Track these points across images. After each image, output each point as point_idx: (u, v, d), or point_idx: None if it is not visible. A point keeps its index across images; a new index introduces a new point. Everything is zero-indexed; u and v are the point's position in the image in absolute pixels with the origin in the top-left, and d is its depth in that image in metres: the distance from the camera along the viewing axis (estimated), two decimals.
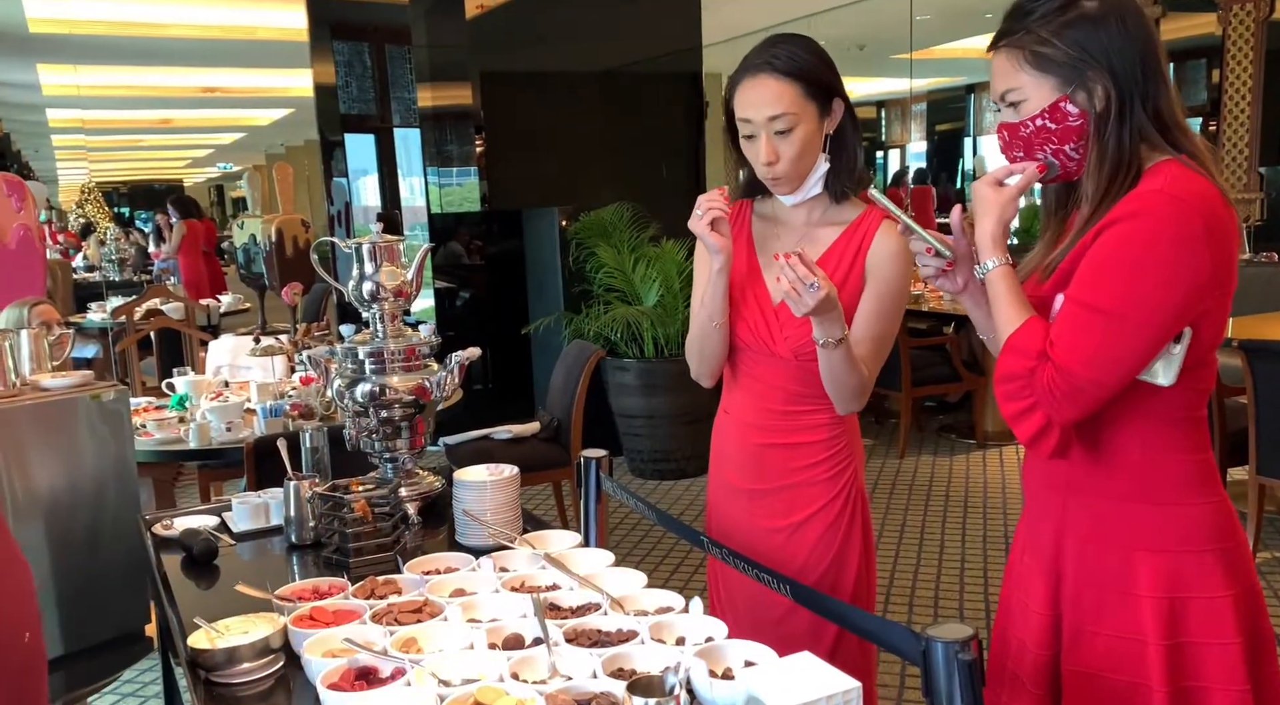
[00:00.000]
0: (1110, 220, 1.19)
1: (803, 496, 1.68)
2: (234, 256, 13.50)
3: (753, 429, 1.71)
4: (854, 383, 1.60)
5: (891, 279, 1.63)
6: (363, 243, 1.87)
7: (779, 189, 1.65)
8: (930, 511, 4.34)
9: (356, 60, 5.46)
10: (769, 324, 1.65)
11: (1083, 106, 1.23)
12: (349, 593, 1.43)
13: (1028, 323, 1.24)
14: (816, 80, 1.58)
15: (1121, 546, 1.28)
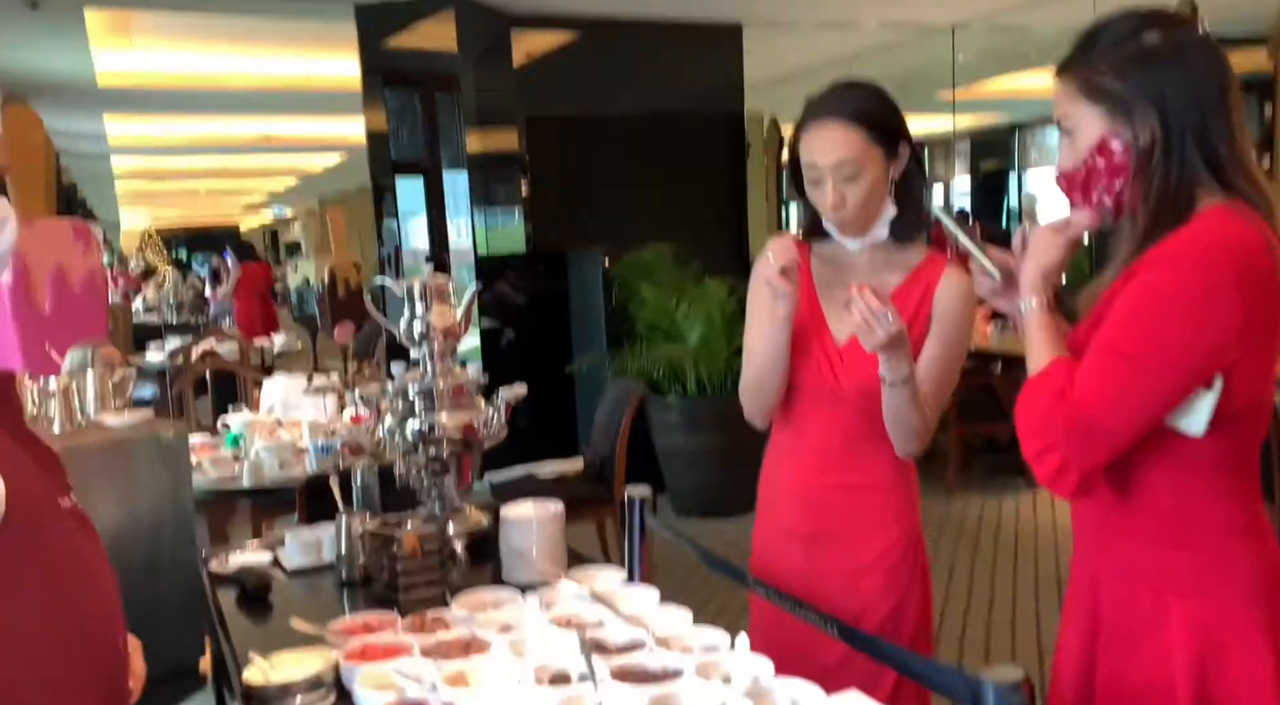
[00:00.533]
0: (1142, 264, 1.19)
1: (863, 541, 1.67)
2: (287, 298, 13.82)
3: (811, 470, 1.70)
4: (917, 423, 1.60)
5: (956, 321, 1.65)
6: (414, 284, 1.92)
7: (844, 231, 1.66)
8: (980, 553, 4.26)
9: (407, 107, 5.61)
10: (834, 364, 1.65)
11: (1128, 142, 1.22)
12: (399, 628, 1.45)
13: (1052, 363, 1.23)
14: (883, 126, 1.60)
15: (1152, 590, 1.25)
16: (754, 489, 1.87)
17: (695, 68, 6.05)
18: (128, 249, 18.90)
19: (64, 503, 1.06)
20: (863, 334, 1.49)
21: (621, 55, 5.77)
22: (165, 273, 10.55)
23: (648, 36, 5.79)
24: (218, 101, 8.20)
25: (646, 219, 5.68)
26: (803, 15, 6.15)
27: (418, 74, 5.55)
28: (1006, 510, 4.84)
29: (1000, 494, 5.09)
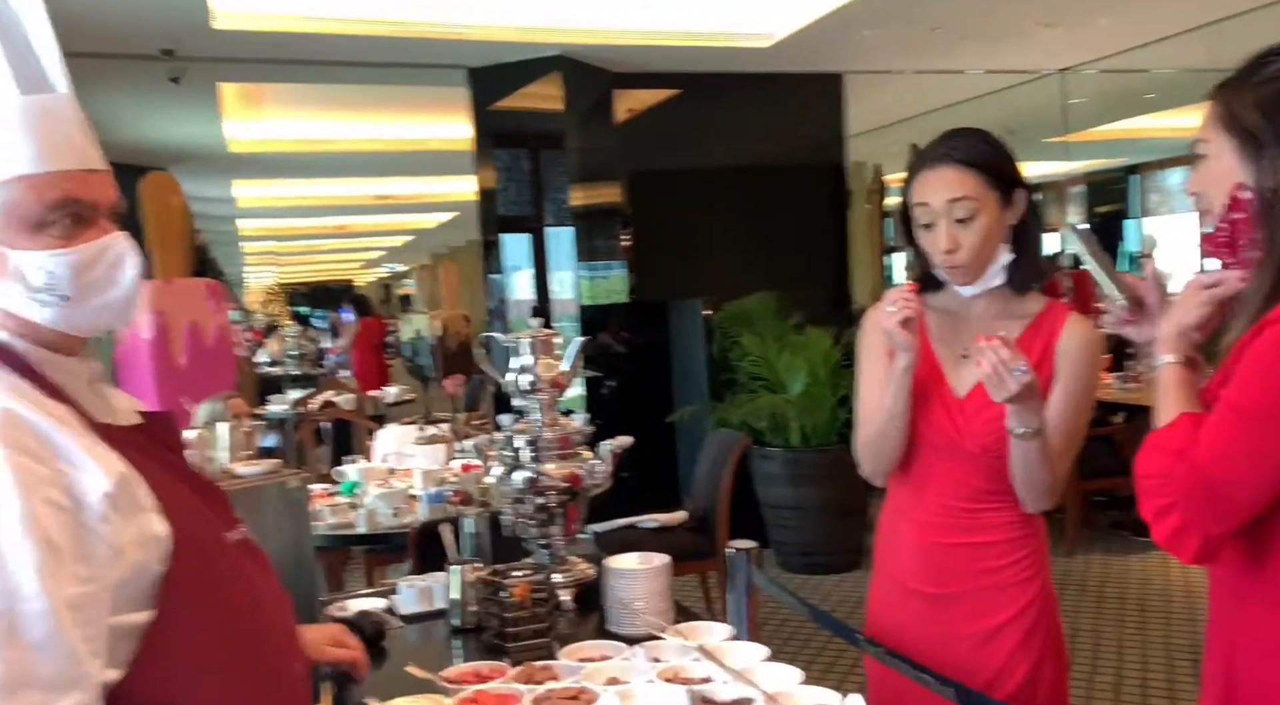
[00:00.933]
0: (1269, 319, 1.13)
1: (992, 603, 1.60)
2: (399, 350, 14.32)
3: (932, 528, 1.63)
4: (1046, 478, 1.54)
5: (1082, 371, 1.59)
6: (522, 337, 1.98)
7: (956, 278, 1.61)
8: (1105, 615, 4.04)
9: (515, 165, 5.82)
10: (954, 419, 1.60)
11: (1257, 188, 1.17)
12: (509, 677, 1.47)
13: (1177, 419, 1.18)
14: (996, 169, 1.57)
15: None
16: (860, 544, 1.83)
17: (796, 118, 6.09)
18: (252, 305, 19.97)
19: (231, 536, 1.10)
20: (993, 386, 1.45)
21: (722, 108, 5.86)
22: (287, 327, 11.08)
23: (748, 89, 5.87)
24: (338, 165, 8.67)
25: (747, 269, 5.70)
26: (905, 63, 6.13)
27: (526, 133, 5.75)
28: (1133, 569, 4.58)
29: (1125, 552, 4.82)
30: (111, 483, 0.94)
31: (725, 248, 5.80)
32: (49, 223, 0.98)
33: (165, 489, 1.01)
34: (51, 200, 0.97)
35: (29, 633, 0.88)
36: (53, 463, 0.93)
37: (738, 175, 5.94)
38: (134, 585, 0.96)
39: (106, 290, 1.02)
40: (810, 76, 5.99)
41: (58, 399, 0.99)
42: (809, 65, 5.82)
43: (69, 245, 0.98)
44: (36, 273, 0.98)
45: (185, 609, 0.99)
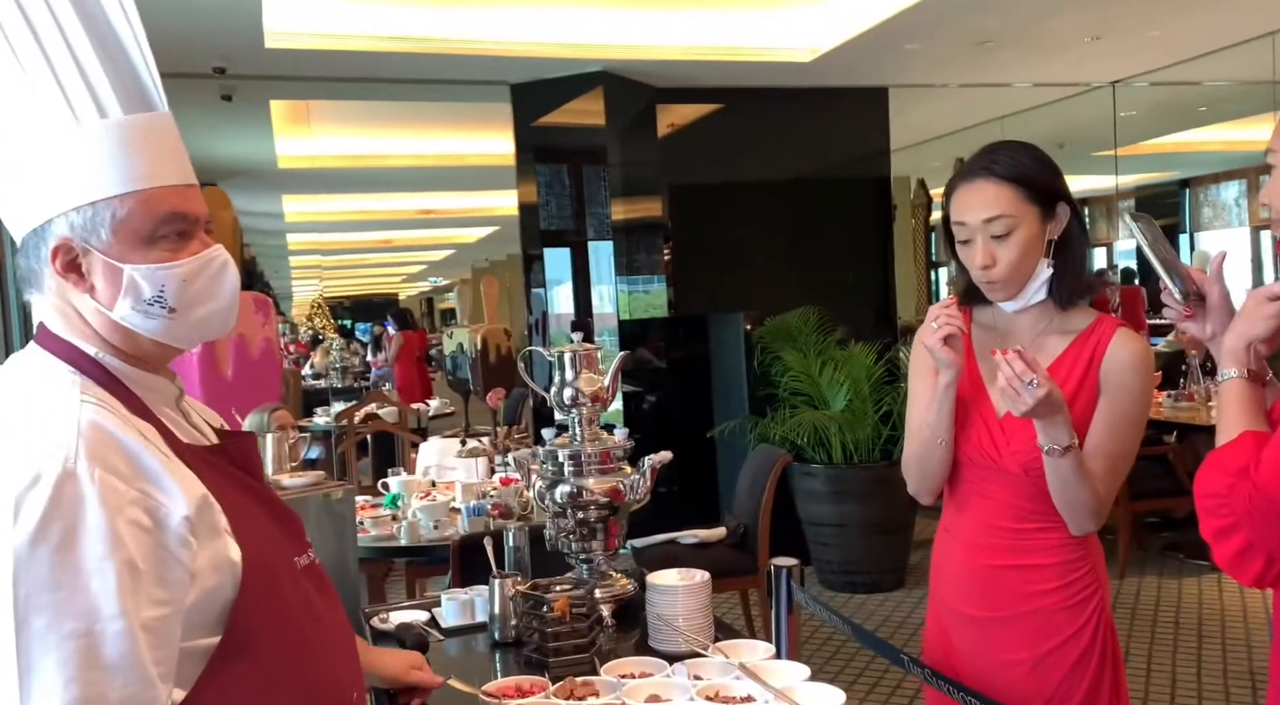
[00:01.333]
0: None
1: (1044, 626, 1.55)
2: (441, 363, 14.46)
3: (979, 549, 1.60)
4: (1085, 498, 1.50)
5: (1129, 388, 1.54)
6: (564, 351, 1.98)
7: (995, 294, 1.59)
8: (1158, 640, 3.93)
9: (556, 180, 5.85)
10: (994, 437, 1.57)
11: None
12: (550, 692, 1.47)
13: (1240, 437, 1.15)
14: (1036, 183, 1.54)
15: None
16: (904, 563, 1.80)
17: (840, 132, 6.06)
18: (298, 318, 20.30)
19: (300, 561, 1.11)
20: (1009, 400, 1.42)
21: (764, 122, 5.85)
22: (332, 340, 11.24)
23: (790, 103, 5.85)
24: (383, 180, 8.79)
25: (789, 283, 5.67)
26: (951, 77, 6.08)
27: (567, 148, 5.79)
28: (1187, 593, 4.45)
29: (1178, 575, 4.70)
30: (192, 506, 0.96)
31: (767, 262, 5.78)
32: (159, 237, 1.02)
33: (240, 512, 1.02)
34: (161, 215, 1.01)
35: (106, 654, 0.89)
36: (137, 482, 0.94)
37: (780, 189, 5.92)
38: (206, 609, 0.98)
39: (210, 301, 1.06)
40: (854, 90, 5.96)
41: (144, 417, 1.01)
42: (852, 79, 5.79)
43: (176, 258, 1.03)
44: (149, 284, 1.01)
45: (250, 634, 1.00)
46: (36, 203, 1.00)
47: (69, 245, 1.00)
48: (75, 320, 1.03)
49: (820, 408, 4.83)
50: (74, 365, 1.02)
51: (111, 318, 1.02)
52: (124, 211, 0.99)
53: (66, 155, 0.99)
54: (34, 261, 1.02)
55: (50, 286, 1.03)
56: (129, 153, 1.00)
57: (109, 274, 1.00)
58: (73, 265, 1.01)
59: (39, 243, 1.01)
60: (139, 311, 1.01)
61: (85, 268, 1.01)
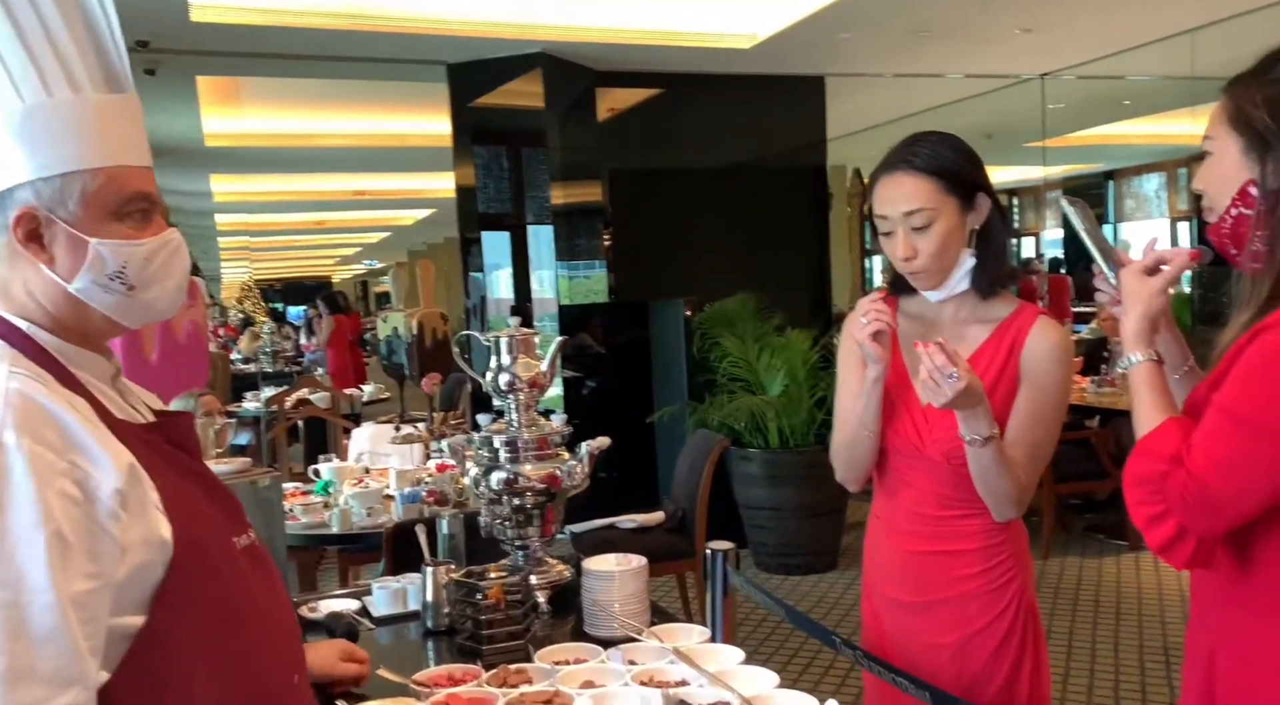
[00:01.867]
0: (1266, 324, 1.12)
1: (966, 611, 1.59)
2: (376, 348, 14.23)
3: (905, 536, 1.64)
4: (1006, 487, 1.53)
5: (1049, 376, 1.56)
6: (501, 336, 1.95)
7: (920, 283, 1.61)
8: (1079, 618, 4.06)
9: (494, 162, 5.78)
10: (918, 427, 1.60)
11: (1262, 185, 1.16)
12: (482, 680, 1.45)
13: (1164, 424, 1.17)
14: (955, 175, 1.56)
15: (1275, 672, 1.16)
16: (837, 545, 1.84)
17: (777, 120, 6.09)
18: (228, 300, 19.78)
19: (240, 541, 1.09)
20: (929, 392, 1.44)
21: (704, 108, 5.85)
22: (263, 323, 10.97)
23: (730, 90, 5.86)
24: (315, 160, 8.58)
25: (728, 270, 5.70)
26: (886, 67, 6.15)
27: (506, 130, 5.72)
28: (1107, 573, 4.61)
29: (1099, 555, 4.86)
30: (122, 479, 0.95)
31: (706, 248, 5.80)
32: (125, 214, 1.03)
33: (174, 490, 1.01)
34: (130, 192, 1.03)
35: (34, 626, 0.88)
36: (68, 454, 0.93)
37: (720, 176, 5.94)
38: (135, 587, 0.96)
39: (165, 280, 1.07)
40: (792, 78, 6.00)
41: (75, 391, 0.99)
42: (790, 67, 5.82)
43: (140, 236, 1.04)
44: (113, 259, 1.01)
45: (181, 614, 0.98)
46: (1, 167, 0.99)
47: (33, 214, 0.99)
48: (15, 292, 1.02)
49: (758, 393, 4.87)
50: (3, 338, 1.00)
51: (68, 290, 1.01)
52: (94, 185, 1.00)
53: (36, 124, 0.98)
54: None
55: (1, 257, 1.01)
56: (103, 129, 1.01)
57: (73, 246, 1.00)
58: (34, 234, 1.00)
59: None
60: (99, 285, 1.01)
61: (47, 238, 1.00)
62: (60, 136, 0.99)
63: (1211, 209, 1.23)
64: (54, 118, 0.99)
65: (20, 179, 0.98)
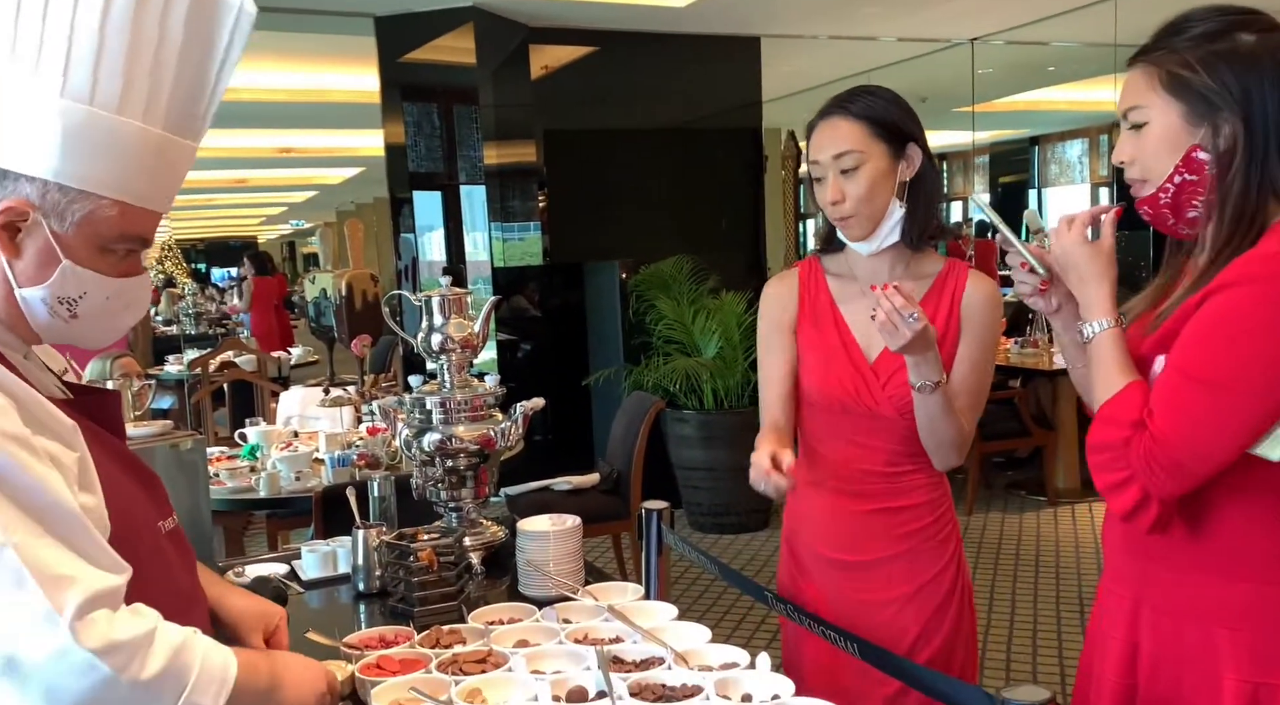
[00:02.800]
0: (1220, 284, 1.11)
1: (913, 566, 1.61)
2: (304, 310, 13.90)
3: (851, 497, 1.63)
4: (953, 434, 1.55)
5: (988, 327, 1.61)
6: (432, 296, 1.92)
7: (849, 232, 1.61)
8: (1000, 571, 4.21)
9: (425, 120, 5.64)
10: (869, 384, 1.60)
11: (1210, 149, 1.16)
12: (415, 642, 1.44)
13: (1125, 389, 1.16)
14: (886, 122, 1.57)
15: (1202, 622, 1.19)
16: (769, 504, 1.86)
17: (713, 81, 6.06)
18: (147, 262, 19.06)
19: (165, 525, 1.06)
20: (887, 334, 1.44)
21: (639, 68, 5.79)
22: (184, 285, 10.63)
23: (666, 49, 5.81)
24: (238, 115, 8.27)
25: (664, 232, 5.68)
26: (820, 28, 6.15)
27: (436, 87, 5.58)
28: (1027, 527, 4.78)
29: (1020, 511, 5.04)
30: (77, 445, 0.93)
31: (642, 210, 5.77)
32: (111, 250, 0.97)
33: (102, 469, 0.97)
34: (131, 233, 0.98)
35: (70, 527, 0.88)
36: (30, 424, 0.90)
37: (655, 137, 5.90)
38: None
39: (109, 323, 1.02)
40: (727, 39, 5.97)
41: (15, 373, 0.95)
42: (725, 27, 5.79)
43: (111, 273, 0.98)
44: (75, 287, 0.96)
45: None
46: (21, 148, 0.91)
47: (25, 210, 0.92)
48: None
49: (693, 355, 4.90)
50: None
51: (14, 292, 0.95)
52: (104, 215, 0.94)
53: (91, 133, 0.91)
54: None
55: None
56: (151, 169, 0.96)
57: (44, 257, 0.94)
58: (11, 228, 0.93)
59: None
60: (45, 303, 0.96)
61: (22, 237, 0.93)
62: (105, 157, 0.92)
63: (1145, 180, 1.22)
64: (111, 136, 0.92)
65: (34, 172, 0.91)
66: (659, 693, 1.23)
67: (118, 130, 0.92)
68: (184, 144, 0.99)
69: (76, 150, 0.91)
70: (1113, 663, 1.29)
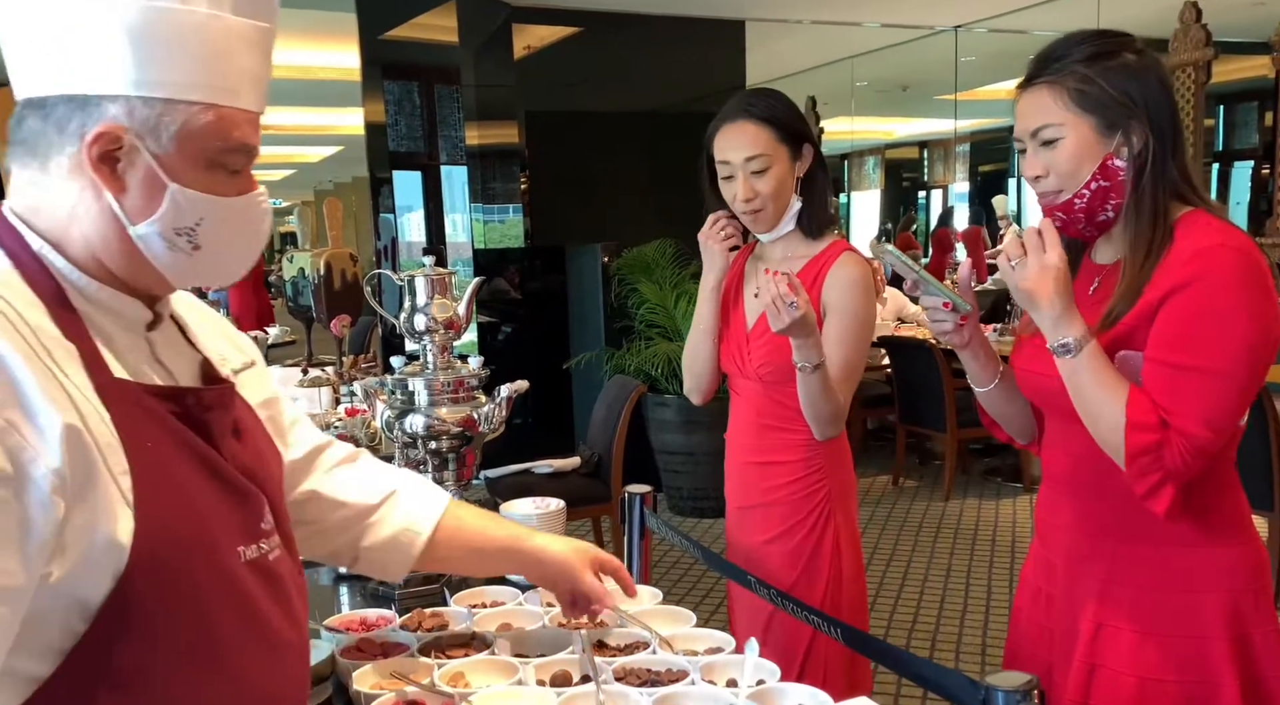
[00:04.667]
0: (1182, 282, 1.19)
1: (775, 515, 1.82)
2: (282, 289, 13.77)
3: (738, 448, 1.90)
4: (830, 409, 1.72)
5: (849, 306, 1.75)
6: (415, 275, 1.89)
7: (756, 227, 1.82)
8: (976, 556, 4.25)
9: (406, 99, 5.59)
10: (742, 349, 1.83)
11: (1124, 156, 1.26)
12: (396, 625, 1.43)
13: (1134, 396, 1.21)
14: (788, 126, 1.76)
15: (1185, 590, 1.28)
16: None
17: (697, 64, 6.03)
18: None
19: (246, 552, 0.88)
20: (771, 317, 1.60)
21: (622, 49, 5.75)
22: None
23: (650, 31, 5.77)
24: None
25: (646, 215, 5.66)
26: (804, 13, 6.14)
27: (417, 66, 5.52)
28: (1004, 514, 4.82)
29: (997, 497, 5.08)
30: (62, 454, 0.74)
31: (625, 193, 5.74)
32: (218, 164, 0.86)
33: (162, 476, 0.81)
34: (234, 142, 0.86)
35: None
36: (5, 410, 0.73)
37: (639, 119, 5.87)
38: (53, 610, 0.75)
39: (238, 247, 0.91)
40: (712, 21, 5.93)
41: (68, 332, 0.81)
42: (710, 10, 5.76)
43: (226, 192, 0.88)
44: (190, 213, 0.85)
45: (133, 650, 0.78)
46: (94, 68, 0.80)
47: (118, 135, 0.81)
48: (57, 212, 0.84)
49: (675, 340, 4.89)
50: (12, 256, 0.83)
51: (127, 231, 0.83)
52: (198, 123, 0.83)
53: (157, 31, 0.80)
54: (55, 131, 0.82)
55: (60, 165, 0.82)
56: (231, 60, 0.84)
57: (150, 185, 0.83)
58: (109, 158, 0.82)
59: (76, 114, 0.81)
60: (164, 238, 0.84)
61: (122, 167, 0.82)
62: (179, 54, 0.81)
63: (1059, 190, 1.29)
64: (179, 30, 0.81)
65: (115, 90, 0.81)
66: (644, 677, 1.22)
67: (185, 22, 0.82)
68: (259, 26, 0.87)
69: (148, 53, 0.81)
70: (1082, 645, 1.34)
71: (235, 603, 0.86)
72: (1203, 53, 5.73)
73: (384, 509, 1.22)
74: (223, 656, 0.84)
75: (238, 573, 0.86)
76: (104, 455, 0.78)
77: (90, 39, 0.80)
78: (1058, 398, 1.31)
